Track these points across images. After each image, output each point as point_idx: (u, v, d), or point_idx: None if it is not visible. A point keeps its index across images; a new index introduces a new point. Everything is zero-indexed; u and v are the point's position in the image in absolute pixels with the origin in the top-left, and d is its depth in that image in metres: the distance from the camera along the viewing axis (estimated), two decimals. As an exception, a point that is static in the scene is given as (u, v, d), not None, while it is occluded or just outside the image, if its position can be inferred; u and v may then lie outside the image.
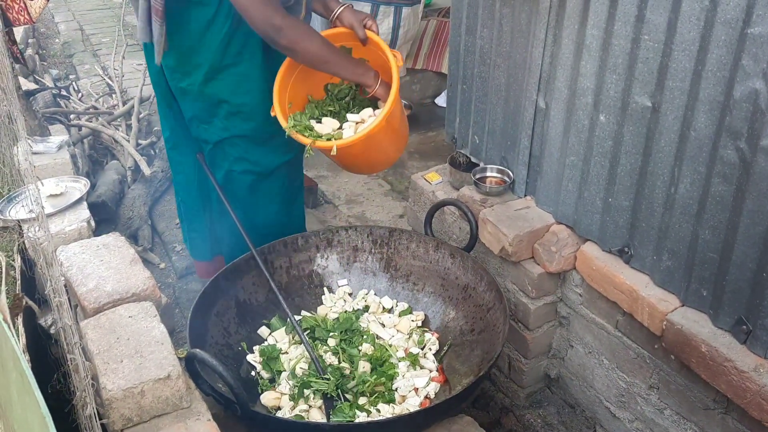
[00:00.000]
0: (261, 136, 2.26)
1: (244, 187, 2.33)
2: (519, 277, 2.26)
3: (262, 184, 2.35)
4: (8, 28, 3.03)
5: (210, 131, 2.25)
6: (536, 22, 2.08)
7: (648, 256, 1.95)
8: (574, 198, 2.12)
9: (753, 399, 1.64)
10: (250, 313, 2.22)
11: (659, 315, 1.87)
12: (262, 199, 2.39)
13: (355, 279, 2.39)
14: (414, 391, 1.97)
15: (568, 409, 2.39)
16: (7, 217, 2.32)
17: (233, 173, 2.31)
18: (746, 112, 1.56)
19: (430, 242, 2.32)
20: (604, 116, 1.94)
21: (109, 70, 5.23)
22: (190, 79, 2.15)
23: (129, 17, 6.94)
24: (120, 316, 1.72)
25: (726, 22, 1.55)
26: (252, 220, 2.35)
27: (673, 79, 1.72)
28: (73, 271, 1.90)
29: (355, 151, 2.10)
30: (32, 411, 0.98)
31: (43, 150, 2.69)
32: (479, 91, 2.42)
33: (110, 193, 3.35)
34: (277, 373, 2.06)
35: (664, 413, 2.01)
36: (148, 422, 1.55)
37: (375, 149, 2.19)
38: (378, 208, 3.50)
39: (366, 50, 2.20)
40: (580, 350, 2.28)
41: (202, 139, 2.30)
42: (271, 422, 1.83)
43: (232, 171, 2.31)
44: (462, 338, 2.16)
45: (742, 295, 1.69)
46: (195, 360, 1.65)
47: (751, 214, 1.60)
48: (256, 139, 2.27)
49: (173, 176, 2.61)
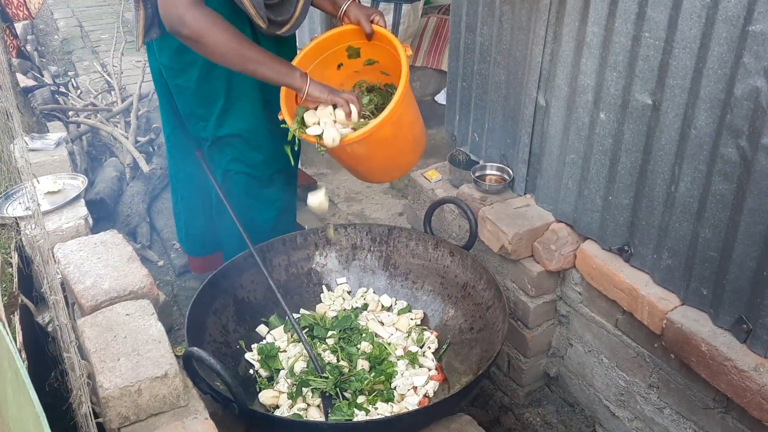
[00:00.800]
0: (255, 138, 2.25)
1: (240, 187, 2.33)
2: (518, 276, 2.25)
3: (257, 188, 2.36)
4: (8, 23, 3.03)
5: (207, 129, 2.25)
6: (536, 19, 2.07)
7: (648, 255, 1.94)
8: (574, 196, 2.12)
9: (753, 398, 1.64)
10: (249, 311, 2.21)
11: (659, 314, 1.86)
12: (257, 203, 2.39)
13: (354, 277, 2.38)
14: (413, 390, 1.97)
15: (567, 407, 2.39)
16: (4, 214, 2.31)
17: (229, 173, 2.31)
18: (747, 110, 1.55)
19: (429, 240, 2.31)
20: (604, 114, 1.93)
21: (108, 67, 5.22)
22: (186, 75, 2.14)
23: (128, 14, 6.93)
24: (117, 314, 1.72)
25: (727, 19, 1.54)
26: (249, 219, 2.35)
27: (674, 76, 1.71)
28: (71, 268, 1.89)
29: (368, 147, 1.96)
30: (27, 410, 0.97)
31: (41, 147, 2.67)
32: (479, 88, 2.41)
33: (109, 190, 3.35)
34: (275, 372, 2.05)
35: (663, 412, 2.00)
36: (145, 421, 1.54)
37: (386, 147, 2.05)
38: (377, 206, 3.49)
39: (376, 50, 2.12)
40: (579, 349, 2.27)
41: (200, 137, 2.29)
42: (269, 421, 1.82)
43: (228, 171, 2.31)
44: (461, 337, 2.15)
45: (743, 294, 1.68)
46: (193, 358, 1.64)
47: (751, 212, 1.60)
48: (250, 142, 2.26)
49: (174, 173, 2.60)
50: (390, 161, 2.18)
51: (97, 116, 4.18)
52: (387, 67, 2.12)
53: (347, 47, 2.13)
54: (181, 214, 2.66)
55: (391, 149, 2.09)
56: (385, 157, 2.14)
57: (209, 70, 2.10)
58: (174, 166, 2.55)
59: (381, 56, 2.13)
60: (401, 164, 2.26)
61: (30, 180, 1.39)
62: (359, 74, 2.21)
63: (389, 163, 2.19)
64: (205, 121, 2.23)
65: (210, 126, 2.23)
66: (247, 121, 2.21)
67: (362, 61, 2.18)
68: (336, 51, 2.15)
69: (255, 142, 2.26)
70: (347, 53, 2.17)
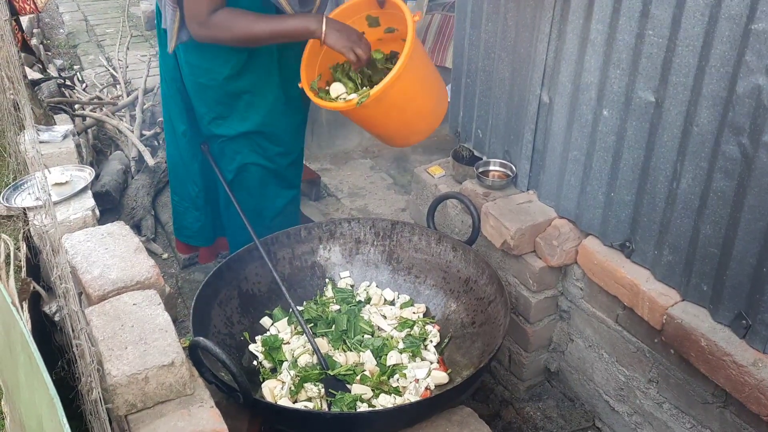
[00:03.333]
0: (274, 132, 2.31)
1: (255, 179, 2.39)
2: (520, 271, 2.27)
3: (271, 179, 2.42)
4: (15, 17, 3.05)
5: (224, 126, 2.28)
6: (541, 17, 2.09)
7: (649, 251, 1.96)
8: (577, 192, 2.13)
9: (751, 393, 1.66)
10: (253, 303, 2.23)
11: (659, 309, 1.88)
12: (269, 192, 2.44)
13: (357, 271, 2.40)
14: (414, 382, 1.99)
15: (567, 402, 2.41)
16: (12, 204, 2.33)
17: (247, 166, 2.37)
18: (749, 107, 1.57)
19: (432, 235, 2.33)
20: (607, 111, 1.95)
21: (114, 61, 5.24)
22: (212, 75, 2.19)
23: (134, 8, 6.94)
24: (124, 304, 1.73)
25: (730, 17, 1.56)
26: (259, 211, 2.40)
27: (677, 74, 1.73)
28: (78, 258, 1.91)
29: (393, 100, 2.03)
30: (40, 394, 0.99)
31: (48, 139, 2.69)
32: (483, 85, 2.43)
33: (114, 183, 3.37)
34: (278, 363, 2.07)
35: (662, 407, 2.02)
36: (152, 408, 1.56)
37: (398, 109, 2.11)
38: (380, 201, 3.51)
39: (394, 18, 2.17)
40: (580, 344, 2.29)
41: (215, 134, 2.33)
42: (273, 410, 1.85)
43: (245, 164, 2.36)
44: (463, 331, 2.17)
45: (742, 290, 1.70)
46: (198, 348, 1.67)
47: (752, 209, 1.61)
48: (270, 136, 2.32)
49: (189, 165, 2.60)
50: (405, 125, 2.25)
51: (102, 110, 4.20)
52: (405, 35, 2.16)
53: (366, 16, 2.16)
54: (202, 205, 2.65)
55: (404, 112, 2.16)
56: (399, 120, 2.20)
57: (240, 71, 2.16)
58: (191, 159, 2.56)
59: (399, 24, 2.19)
60: (419, 128, 2.32)
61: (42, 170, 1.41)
62: (382, 42, 2.26)
63: (404, 126, 2.26)
64: (223, 118, 2.27)
65: (229, 123, 2.28)
66: (269, 116, 2.27)
67: (382, 29, 2.25)
68: (355, 20, 2.21)
69: (274, 136, 2.33)
70: (367, 22, 2.23)
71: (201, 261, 2.94)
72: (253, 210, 2.30)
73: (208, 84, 2.21)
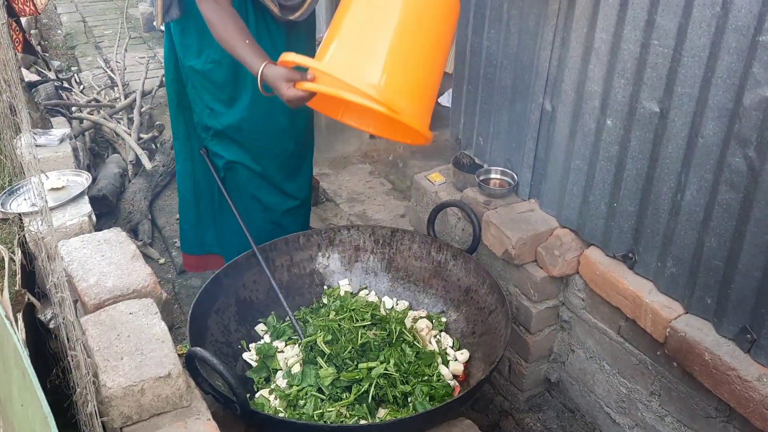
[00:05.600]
0: (255, 131, 2.29)
1: (243, 180, 2.37)
2: (521, 280, 2.25)
3: (259, 181, 2.39)
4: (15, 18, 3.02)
5: (211, 117, 2.27)
6: (544, 24, 2.07)
7: (652, 263, 1.94)
8: (579, 202, 2.11)
9: (756, 408, 1.63)
10: (251, 311, 2.21)
11: (662, 322, 1.86)
12: (262, 197, 2.42)
13: (356, 278, 2.38)
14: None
15: (567, 413, 2.39)
16: (8, 210, 2.30)
17: (234, 165, 2.35)
18: (756, 120, 1.55)
19: (432, 243, 2.31)
20: (611, 121, 1.93)
21: (111, 63, 5.22)
22: (201, 58, 2.19)
23: (132, 10, 6.92)
24: (120, 313, 1.71)
25: (737, 29, 1.54)
26: (250, 215, 2.38)
27: (682, 85, 1.71)
28: (74, 266, 1.88)
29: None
30: (33, 409, 0.97)
31: (45, 143, 2.67)
32: (485, 92, 2.41)
33: (111, 187, 3.34)
34: (273, 372, 2.05)
35: (665, 420, 2.00)
36: (148, 420, 1.53)
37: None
38: (379, 207, 3.48)
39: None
40: (581, 355, 2.27)
41: (205, 125, 2.31)
42: (270, 421, 1.82)
43: (232, 162, 2.35)
44: (463, 341, 2.15)
45: (747, 304, 1.68)
46: (195, 358, 1.64)
47: (757, 222, 1.59)
48: (251, 134, 2.30)
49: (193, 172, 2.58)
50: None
51: (100, 112, 4.17)
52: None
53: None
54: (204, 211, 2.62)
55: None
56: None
57: (223, 55, 2.13)
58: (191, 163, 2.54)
59: None
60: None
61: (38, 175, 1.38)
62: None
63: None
64: (210, 108, 2.26)
65: (215, 114, 2.26)
66: (250, 113, 2.25)
67: None
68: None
69: (255, 135, 2.31)
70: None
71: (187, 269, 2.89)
72: (242, 212, 2.28)
73: (197, 68, 2.21)
